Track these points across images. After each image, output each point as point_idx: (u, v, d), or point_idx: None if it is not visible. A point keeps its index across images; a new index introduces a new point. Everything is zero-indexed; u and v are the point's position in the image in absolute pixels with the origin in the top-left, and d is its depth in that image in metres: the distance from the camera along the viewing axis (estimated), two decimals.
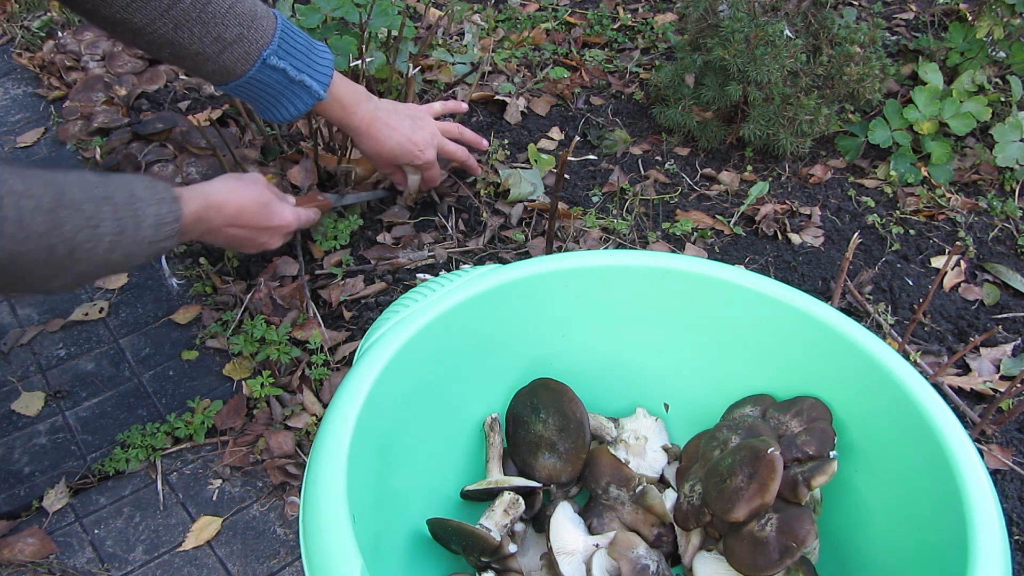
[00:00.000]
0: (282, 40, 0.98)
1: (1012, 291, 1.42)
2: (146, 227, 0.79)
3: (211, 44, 0.94)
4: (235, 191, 0.96)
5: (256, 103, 1.05)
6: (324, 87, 1.04)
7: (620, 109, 1.81)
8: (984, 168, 1.64)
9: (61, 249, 0.71)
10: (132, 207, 0.78)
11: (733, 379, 0.97)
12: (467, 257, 1.40)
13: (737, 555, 0.80)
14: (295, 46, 1.00)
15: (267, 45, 0.96)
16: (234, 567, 1.01)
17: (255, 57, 0.96)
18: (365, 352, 0.83)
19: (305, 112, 1.07)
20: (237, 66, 0.96)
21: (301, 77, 1.00)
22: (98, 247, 0.74)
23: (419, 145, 1.21)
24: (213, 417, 1.16)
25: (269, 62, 0.97)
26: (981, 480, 0.70)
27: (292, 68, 0.99)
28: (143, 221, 0.79)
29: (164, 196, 0.82)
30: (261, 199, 1.00)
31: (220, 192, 0.94)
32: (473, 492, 0.91)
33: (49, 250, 0.70)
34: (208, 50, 0.94)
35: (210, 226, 0.93)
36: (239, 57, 0.96)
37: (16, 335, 1.30)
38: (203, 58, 0.95)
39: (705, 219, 1.51)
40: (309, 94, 1.02)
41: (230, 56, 0.95)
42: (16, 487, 1.09)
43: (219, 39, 0.94)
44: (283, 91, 1.01)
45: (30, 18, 2.07)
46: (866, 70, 1.50)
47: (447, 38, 1.99)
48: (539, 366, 0.99)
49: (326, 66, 1.04)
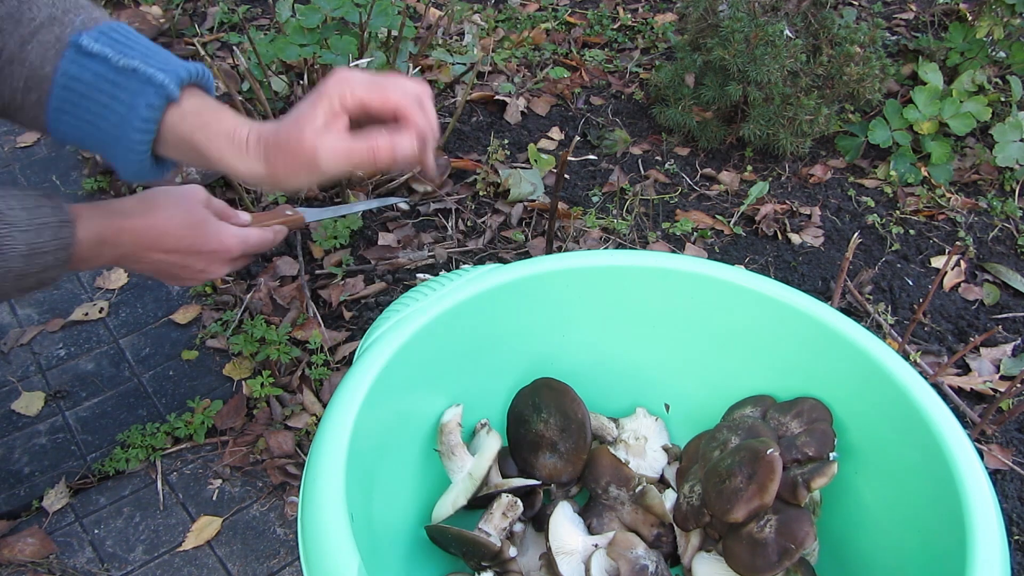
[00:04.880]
0: (111, 29, 0.73)
1: (1012, 291, 1.42)
2: (14, 257, 0.67)
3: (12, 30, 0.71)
4: (154, 209, 0.79)
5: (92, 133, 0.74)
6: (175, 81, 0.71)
7: (620, 109, 1.81)
8: (984, 168, 1.64)
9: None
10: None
11: (733, 380, 0.96)
12: (467, 257, 1.40)
13: (736, 556, 0.80)
14: (123, 34, 0.73)
15: (81, 26, 0.71)
16: (234, 567, 1.01)
17: (65, 42, 0.70)
18: (365, 351, 0.82)
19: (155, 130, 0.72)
20: (47, 60, 0.70)
21: (129, 63, 0.70)
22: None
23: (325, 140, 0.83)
24: (213, 417, 1.16)
25: (82, 45, 0.70)
26: (980, 481, 0.70)
27: (116, 53, 0.71)
28: (10, 250, 0.67)
29: (48, 220, 0.69)
30: (191, 219, 0.80)
31: (134, 211, 0.77)
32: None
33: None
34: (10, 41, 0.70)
35: (122, 252, 0.77)
36: (47, 45, 0.70)
37: (16, 335, 1.30)
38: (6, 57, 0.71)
39: (705, 219, 1.51)
40: (151, 85, 0.70)
41: (37, 45, 0.70)
42: (16, 487, 1.09)
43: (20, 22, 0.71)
44: (111, 90, 0.71)
45: None
46: (866, 70, 1.50)
47: (447, 38, 1.99)
48: (539, 366, 0.99)
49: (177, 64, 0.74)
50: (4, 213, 0.67)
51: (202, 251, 0.82)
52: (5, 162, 1.67)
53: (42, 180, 1.60)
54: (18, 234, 0.67)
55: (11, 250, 0.67)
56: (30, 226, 0.68)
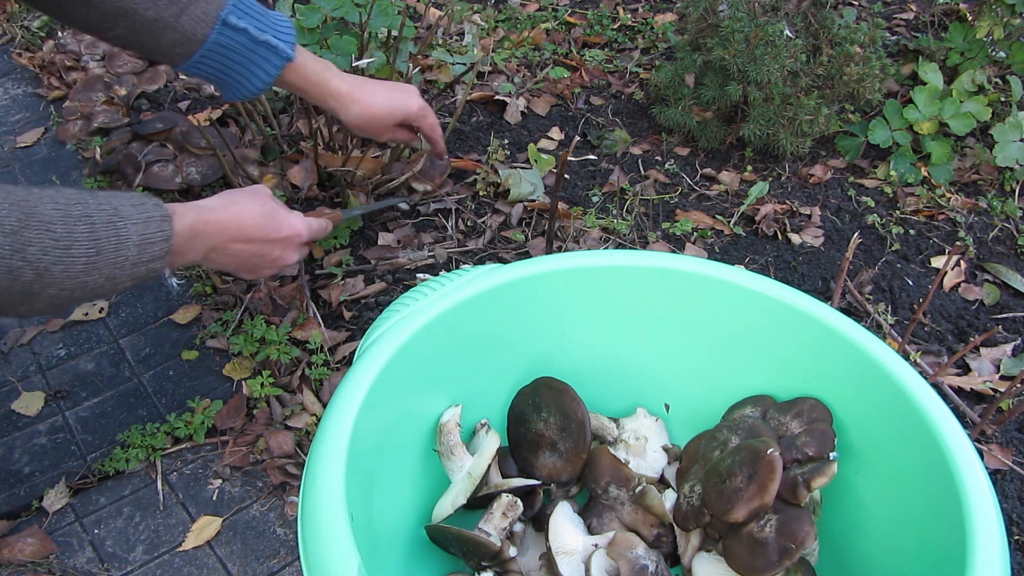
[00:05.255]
0: (241, 2, 0.94)
1: (1012, 291, 1.42)
2: (129, 246, 0.74)
3: (167, 6, 0.89)
4: (233, 203, 0.90)
5: (221, 78, 0.98)
6: (291, 47, 0.98)
7: (620, 109, 1.81)
8: (984, 168, 1.64)
9: (27, 273, 0.67)
10: (114, 225, 0.73)
11: (733, 379, 0.97)
12: (467, 257, 1.40)
13: (736, 556, 0.80)
14: (252, 6, 0.95)
15: (224, 4, 0.92)
16: (234, 567, 1.01)
17: (214, 18, 0.91)
18: (365, 351, 0.82)
19: (273, 81, 1.00)
20: (197, 30, 0.91)
21: (265, 36, 0.95)
22: (71, 270, 0.70)
23: (407, 92, 1.14)
24: (213, 417, 1.16)
25: (229, 22, 0.92)
26: (980, 481, 0.70)
27: (254, 27, 0.94)
28: (125, 241, 0.74)
29: (152, 214, 0.77)
30: (264, 209, 0.92)
31: (217, 206, 0.88)
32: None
33: (12, 274, 0.66)
34: (164, 14, 0.89)
35: (210, 243, 0.87)
36: (198, 19, 0.91)
37: (16, 335, 1.30)
38: (160, 25, 0.89)
39: (705, 219, 1.51)
40: (277, 55, 0.97)
41: (188, 18, 0.90)
42: (16, 487, 1.09)
43: (175, 1, 0.89)
44: (249, 55, 0.96)
45: (30, 18, 2.07)
46: (866, 70, 1.50)
47: (447, 38, 1.99)
48: (539, 366, 0.99)
49: (287, 27, 0.99)
50: (118, 208, 0.74)
51: (277, 238, 0.93)
52: (5, 162, 1.67)
53: (42, 180, 1.60)
54: (131, 226, 0.75)
55: (127, 239, 0.74)
56: (139, 219, 0.76)
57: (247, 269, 0.94)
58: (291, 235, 0.94)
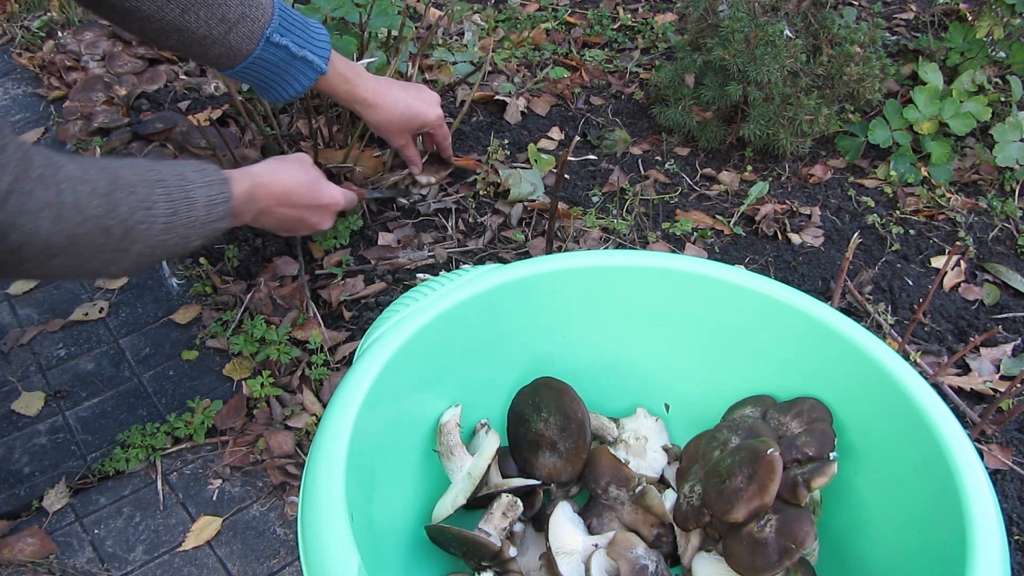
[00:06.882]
0: (281, 18, 1.01)
1: (1012, 291, 1.42)
2: (198, 207, 0.82)
3: (217, 25, 0.96)
4: (281, 170, 0.98)
5: (260, 84, 1.07)
6: (325, 61, 1.06)
7: (620, 109, 1.81)
8: (984, 168, 1.64)
9: (117, 231, 0.74)
10: (184, 188, 0.81)
11: (733, 380, 0.96)
12: (467, 257, 1.40)
13: (736, 556, 0.80)
14: (293, 23, 1.03)
15: (269, 23, 0.99)
16: (234, 567, 1.01)
17: (259, 36, 0.99)
18: (365, 351, 0.83)
19: (308, 89, 1.09)
20: (243, 46, 0.99)
21: (303, 53, 1.02)
22: (153, 228, 0.77)
23: (427, 102, 1.22)
24: (213, 417, 1.16)
25: (272, 39, 1.00)
26: (980, 481, 0.70)
27: (294, 44, 1.01)
28: (195, 202, 0.82)
29: (213, 178, 0.85)
30: (308, 178, 1.01)
31: (267, 172, 0.96)
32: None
33: (106, 232, 0.73)
34: (215, 32, 0.96)
35: (261, 206, 0.95)
36: (244, 37, 0.98)
37: (16, 335, 1.30)
38: (210, 41, 0.97)
39: (705, 219, 1.51)
40: (312, 69, 1.05)
41: (235, 36, 0.97)
42: (16, 487, 1.09)
43: (224, 20, 0.96)
44: (287, 68, 1.04)
45: (30, 18, 2.07)
46: (866, 70, 1.50)
47: (447, 38, 1.99)
48: (539, 366, 0.99)
49: (324, 41, 1.07)
50: (184, 173, 0.82)
51: (318, 205, 1.03)
52: None
53: None
54: (198, 188, 0.83)
55: (196, 201, 0.82)
56: (203, 183, 0.84)
57: (287, 229, 1.04)
58: (330, 203, 1.05)
